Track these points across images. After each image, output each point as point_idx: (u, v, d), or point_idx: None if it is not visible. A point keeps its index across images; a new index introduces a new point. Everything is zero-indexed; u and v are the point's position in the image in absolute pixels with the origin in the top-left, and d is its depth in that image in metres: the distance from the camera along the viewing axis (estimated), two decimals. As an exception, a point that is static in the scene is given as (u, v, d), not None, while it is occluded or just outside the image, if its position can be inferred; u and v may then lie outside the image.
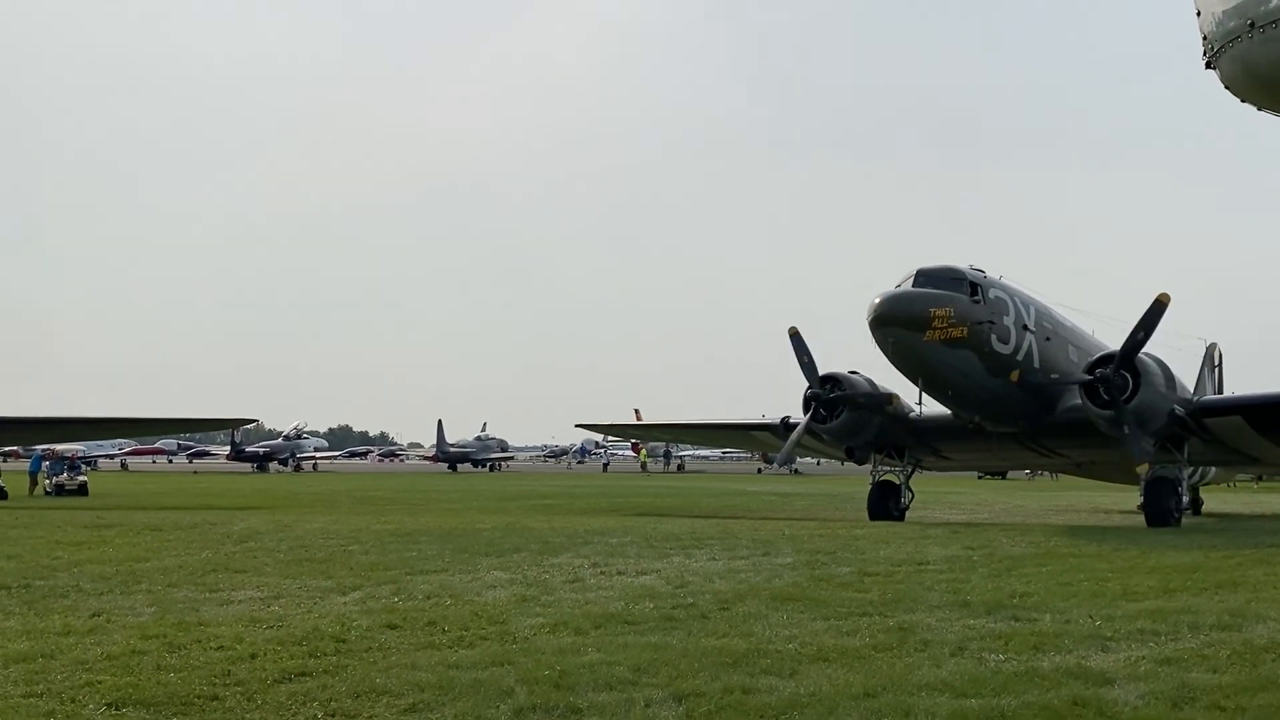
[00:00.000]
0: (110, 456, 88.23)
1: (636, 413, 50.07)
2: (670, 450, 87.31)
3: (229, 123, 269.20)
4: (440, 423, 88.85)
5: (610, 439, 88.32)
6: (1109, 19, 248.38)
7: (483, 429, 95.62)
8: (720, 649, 8.10)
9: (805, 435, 25.14)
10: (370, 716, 6.45)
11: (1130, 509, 25.02)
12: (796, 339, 24.62)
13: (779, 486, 48.80)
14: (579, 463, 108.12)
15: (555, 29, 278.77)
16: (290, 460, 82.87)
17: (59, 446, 53.54)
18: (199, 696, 6.79)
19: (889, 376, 23.77)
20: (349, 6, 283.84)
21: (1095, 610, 9.83)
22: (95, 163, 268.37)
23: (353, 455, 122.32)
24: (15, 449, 57.15)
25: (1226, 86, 9.34)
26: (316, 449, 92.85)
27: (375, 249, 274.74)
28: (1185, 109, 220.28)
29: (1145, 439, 21.52)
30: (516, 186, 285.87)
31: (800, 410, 25.07)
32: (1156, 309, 20.89)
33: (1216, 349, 32.43)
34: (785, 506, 32.17)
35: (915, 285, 21.80)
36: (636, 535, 17.61)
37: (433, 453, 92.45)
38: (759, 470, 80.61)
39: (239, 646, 8.19)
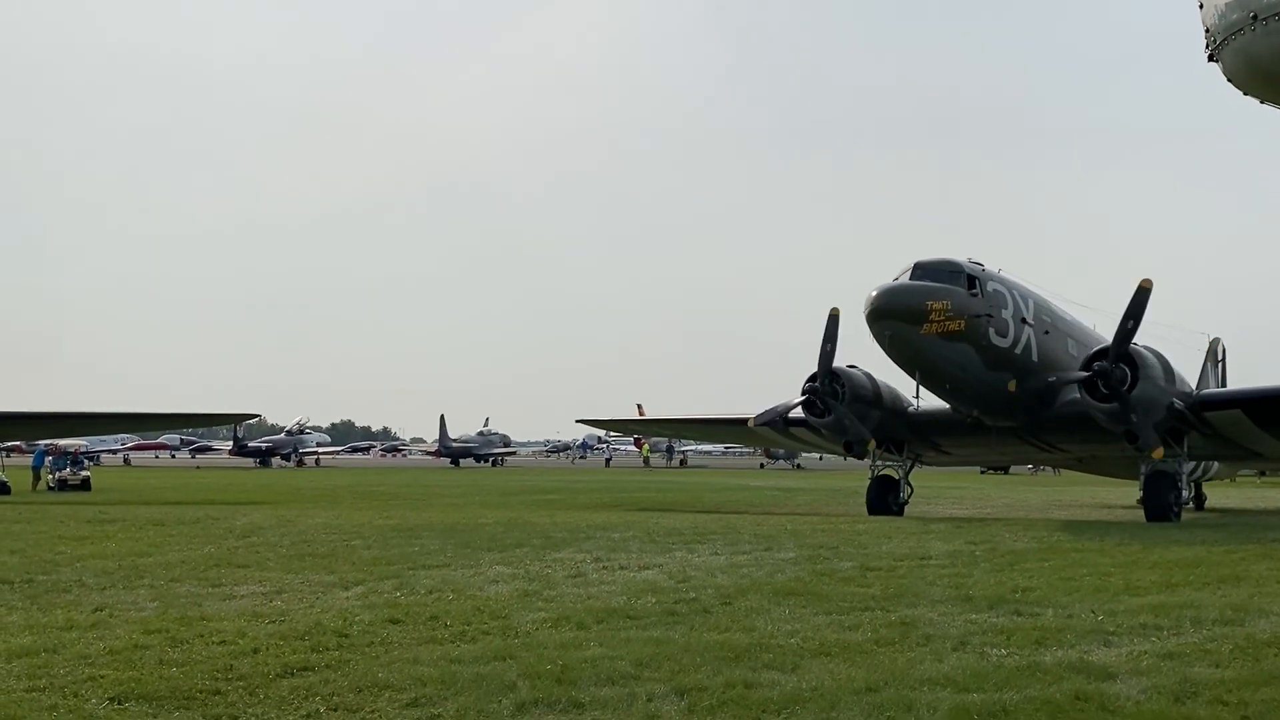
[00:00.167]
0: (113, 452, 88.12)
1: (639, 408, 50.15)
2: (673, 445, 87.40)
3: (232, 121, 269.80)
4: (443, 418, 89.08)
5: (612, 434, 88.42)
6: (1108, 19, 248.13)
7: (485, 424, 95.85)
8: (722, 644, 8.10)
9: (804, 430, 25.10)
10: (372, 711, 6.45)
11: (1132, 504, 24.99)
12: (833, 322, 23.68)
13: (781, 481, 48.78)
14: (581, 458, 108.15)
15: (556, 27, 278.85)
16: (293, 455, 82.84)
17: (62, 442, 53.69)
18: (201, 691, 6.80)
19: (888, 370, 23.71)
20: (349, 6, 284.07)
21: (1097, 605, 9.83)
22: (99, 160, 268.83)
23: (355, 450, 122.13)
24: (18, 444, 57.25)
25: (1229, 79, 9.35)
26: (319, 444, 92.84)
27: (378, 246, 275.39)
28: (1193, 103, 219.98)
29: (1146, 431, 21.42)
30: (517, 185, 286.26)
31: (799, 400, 24.99)
32: (1141, 296, 20.70)
33: (1220, 344, 32.31)
34: (787, 501, 32.19)
35: (913, 278, 21.60)
36: (639, 530, 17.63)
37: (435, 448, 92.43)
38: (761, 465, 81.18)
39: (241, 641, 8.21)
